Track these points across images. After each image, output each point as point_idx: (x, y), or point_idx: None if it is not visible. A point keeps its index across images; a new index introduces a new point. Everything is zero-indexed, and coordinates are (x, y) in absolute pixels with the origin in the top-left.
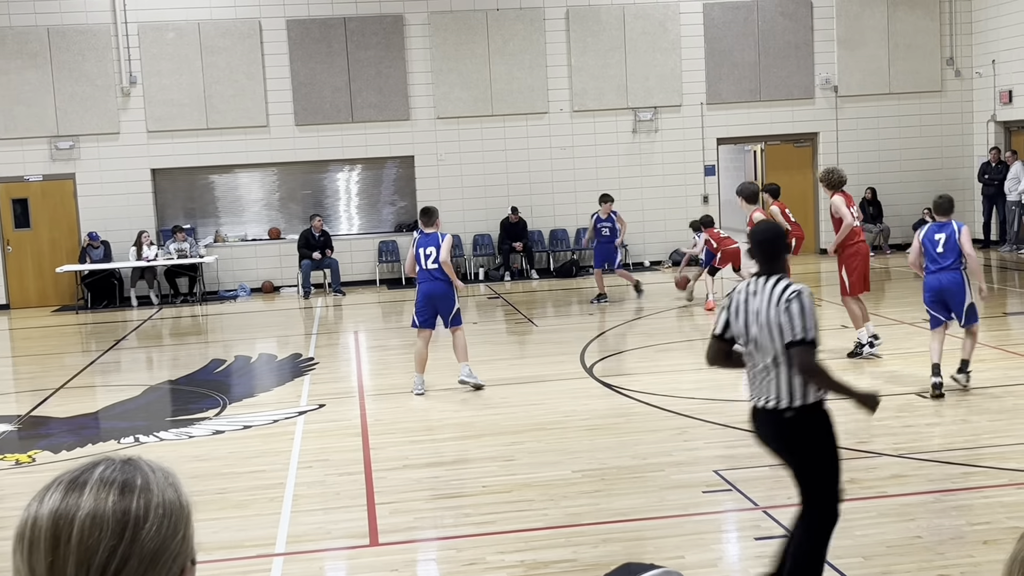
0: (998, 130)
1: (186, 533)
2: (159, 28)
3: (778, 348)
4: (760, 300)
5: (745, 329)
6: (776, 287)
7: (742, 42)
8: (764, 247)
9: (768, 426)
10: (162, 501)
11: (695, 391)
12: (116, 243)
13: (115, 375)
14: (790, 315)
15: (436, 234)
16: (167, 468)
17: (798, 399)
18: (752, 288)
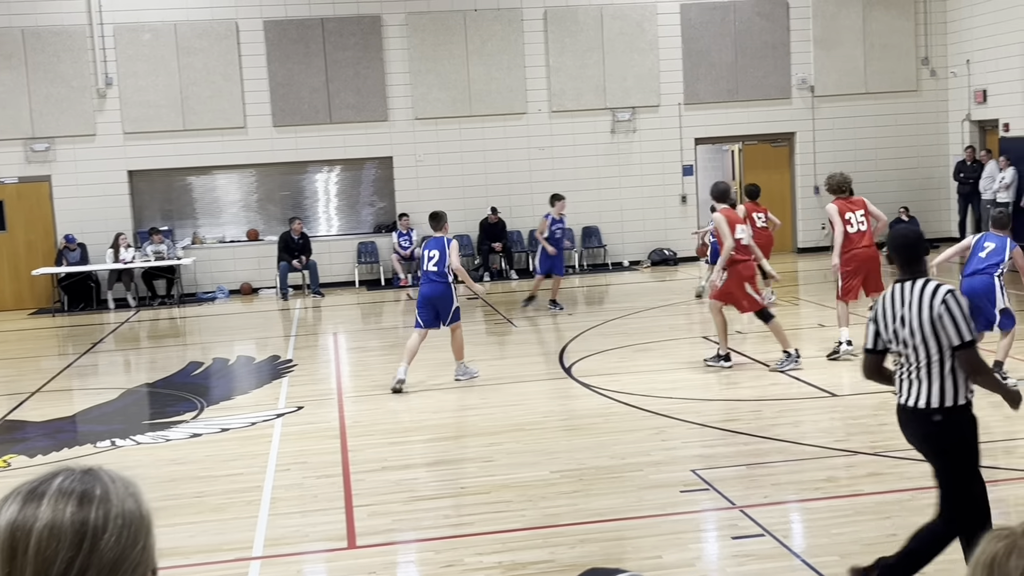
0: (973, 129)
1: (146, 543)
2: (135, 29)
3: (932, 351)
4: (910, 304)
5: (895, 334)
6: (926, 290)
7: (719, 42)
8: (903, 251)
9: (915, 426)
10: (122, 511)
11: (673, 391)
12: (93, 245)
13: (92, 378)
14: (952, 318)
15: (443, 239)
16: (128, 478)
17: (948, 401)
18: (897, 293)
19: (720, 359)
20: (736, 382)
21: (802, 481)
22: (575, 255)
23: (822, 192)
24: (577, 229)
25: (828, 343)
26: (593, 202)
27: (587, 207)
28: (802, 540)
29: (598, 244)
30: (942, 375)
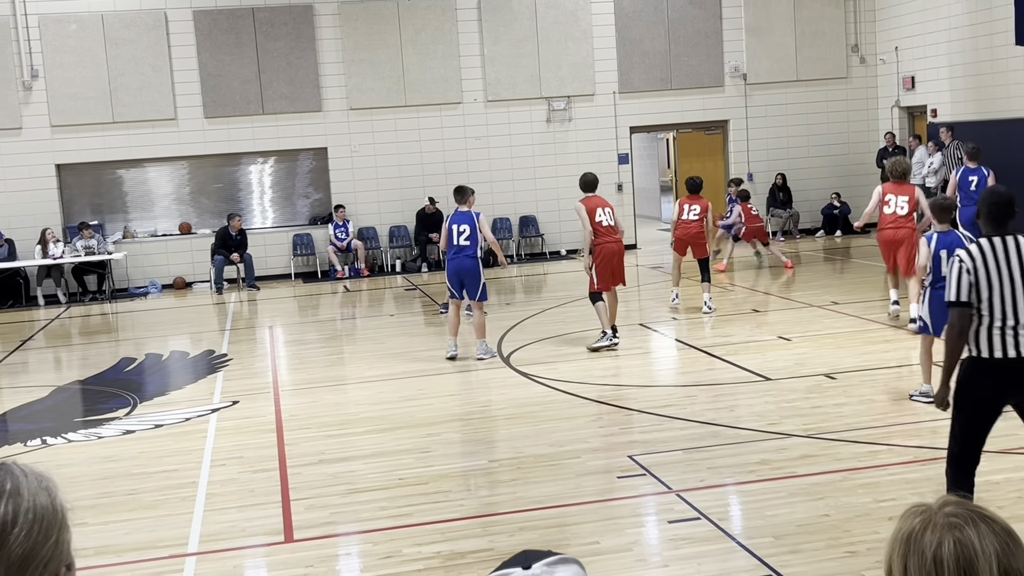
0: (902, 115)
1: (59, 538)
2: (60, 20)
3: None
4: (1017, 256)
5: (999, 287)
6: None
7: (652, 31)
8: (997, 208)
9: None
10: (32, 506)
11: (609, 378)
12: (20, 241)
13: (22, 376)
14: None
15: (471, 212)
16: (42, 472)
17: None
18: (991, 248)
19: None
20: (672, 368)
21: (737, 464)
22: (512, 244)
23: (755, 179)
24: (514, 218)
25: (762, 327)
26: (530, 191)
27: (524, 196)
28: (737, 522)
29: (535, 233)
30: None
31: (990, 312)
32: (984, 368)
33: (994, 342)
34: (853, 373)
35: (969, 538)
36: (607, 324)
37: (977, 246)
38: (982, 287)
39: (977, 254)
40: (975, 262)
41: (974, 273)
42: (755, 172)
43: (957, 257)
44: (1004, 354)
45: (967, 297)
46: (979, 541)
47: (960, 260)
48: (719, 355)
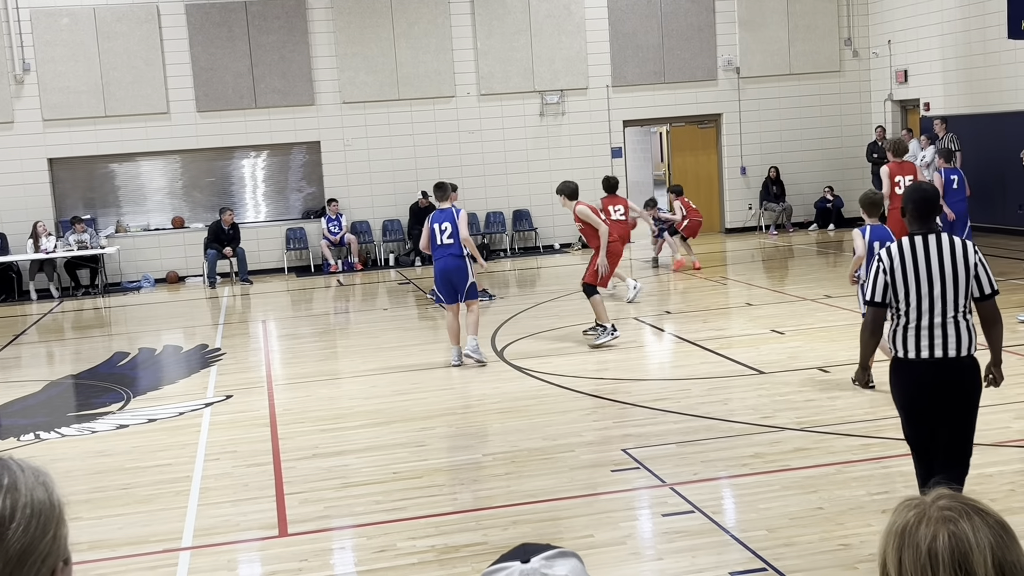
0: (895, 109)
1: (57, 533)
2: (52, 13)
3: (961, 301)
4: (938, 256)
5: (915, 287)
6: (954, 243)
7: (646, 24)
8: (924, 205)
9: (951, 373)
10: (30, 501)
11: (603, 371)
12: (13, 235)
13: (15, 371)
14: (985, 268)
15: (451, 209)
16: (39, 467)
17: (973, 348)
18: (911, 247)
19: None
20: (666, 362)
21: (731, 458)
22: (506, 238)
23: (748, 173)
24: (508, 212)
25: (756, 321)
26: (523, 185)
27: (517, 190)
28: (731, 515)
29: (529, 227)
30: (969, 325)
31: (907, 312)
32: (906, 368)
33: (909, 343)
34: (846, 367)
35: (963, 531)
36: (605, 317)
37: (898, 245)
38: (899, 287)
39: (896, 254)
40: (893, 262)
41: (890, 273)
42: (748, 166)
43: (877, 256)
44: (918, 354)
45: (881, 297)
46: (973, 534)
47: (879, 259)
48: (713, 348)
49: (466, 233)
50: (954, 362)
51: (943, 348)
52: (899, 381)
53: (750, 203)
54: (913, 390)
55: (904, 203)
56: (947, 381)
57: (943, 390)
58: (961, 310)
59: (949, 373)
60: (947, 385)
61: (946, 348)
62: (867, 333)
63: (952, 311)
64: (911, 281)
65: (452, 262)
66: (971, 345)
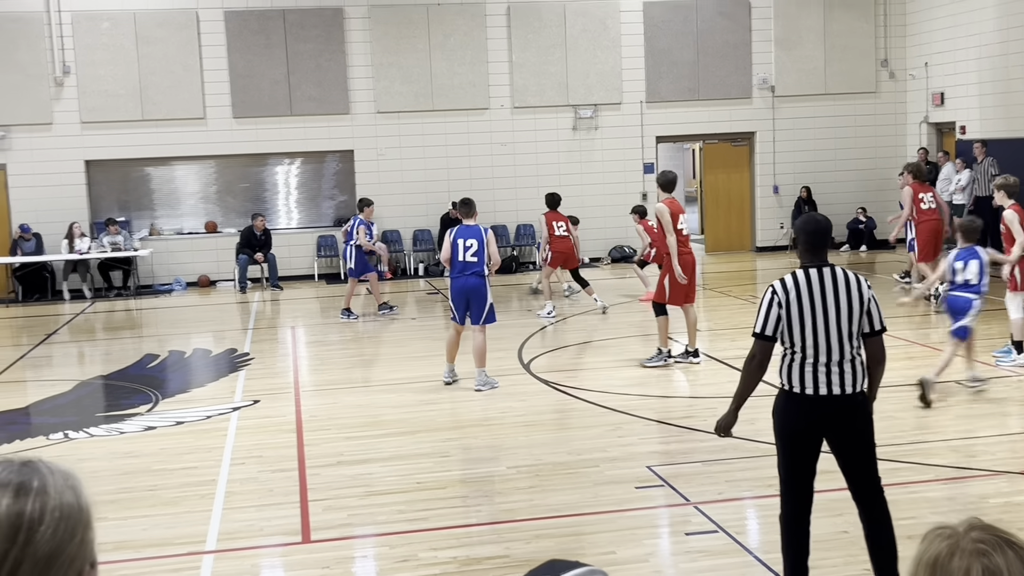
0: (930, 131)
1: (84, 536)
2: (93, 17)
3: (854, 337)
4: (831, 289)
5: (811, 322)
6: (848, 277)
7: (681, 41)
8: (816, 237)
9: (846, 411)
10: (59, 504)
11: (629, 387)
12: (48, 235)
13: (46, 370)
14: (877, 304)
15: (477, 227)
16: (68, 470)
17: (864, 385)
18: (807, 280)
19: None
20: (692, 379)
21: (756, 478)
22: (536, 251)
23: (781, 191)
24: (538, 225)
25: None
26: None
27: None
28: (755, 536)
29: None
30: (861, 361)
31: (802, 348)
32: (794, 401)
33: (806, 379)
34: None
35: (997, 565)
36: (665, 342)
37: (792, 278)
38: (793, 321)
39: (792, 286)
40: (788, 295)
41: (785, 307)
42: (781, 185)
43: (771, 288)
44: (815, 390)
45: (772, 331)
46: (1007, 568)
47: (773, 291)
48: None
49: (496, 253)
50: (848, 399)
51: (840, 385)
52: (785, 412)
53: (782, 222)
54: (799, 424)
55: (796, 233)
56: (840, 418)
57: (838, 426)
58: (855, 346)
59: (841, 410)
60: (841, 422)
61: (842, 384)
62: (753, 367)
63: (848, 348)
64: (806, 315)
65: (473, 281)
66: (862, 381)
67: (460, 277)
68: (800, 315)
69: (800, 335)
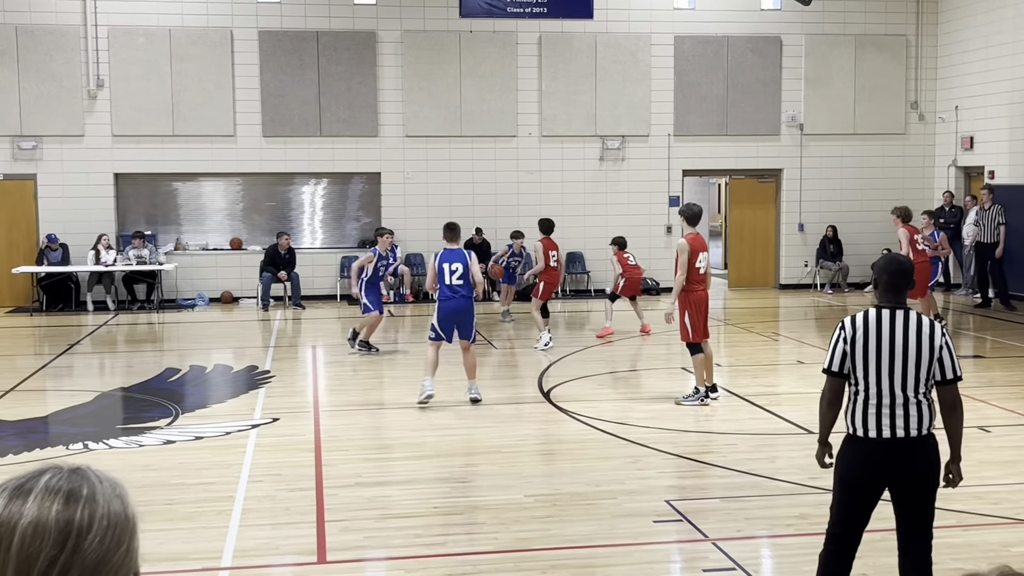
0: (958, 175)
1: (130, 545)
2: (129, 32)
3: (922, 381)
4: (902, 332)
5: (876, 362)
6: (921, 322)
7: (711, 76)
8: (899, 278)
9: (910, 453)
10: (107, 512)
11: (650, 420)
12: (75, 246)
13: (67, 380)
14: (951, 352)
15: (461, 250)
16: (115, 479)
17: (931, 427)
18: (877, 320)
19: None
20: (713, 415)
21: (775, 516)
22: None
23: (806, 230)
24: (561, 254)
25: (806, 379)
26: (579, 228)
27: (573, 232)
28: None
29: (582, 270)
30: (928, 403)
31: (865, 388)
32: (857, 446)
33: (869, 421)
34: None
35: None
36: (702, 380)
37: (864, 315)
38: (858, 359)
39: (860, 324)
40: (856, 332)
41: (851, 343)
42: (806, 223)
43: (840, 324)
44: (879, 433)
45: (839, 367)
46: None
47: (841, 327)
48: (762, 404)
49: (480, 276)
50: (913, 441)
51: (904, 428)
52: (848, 458)
53: (806, 260)
54: (862, 471)
55: (878, 273)
56: (903, 462)
57: (901, 469)
58: (922, 391)
59: (906, 452)
60: (904, 467)
61: (907, 428)
62: (824, 404)
63: (912, 392)
64: (871, 355)
65: (460, 303)
66: (930, 424)
67: (451, 300)
68: (864, 353)
69: (863, 374)
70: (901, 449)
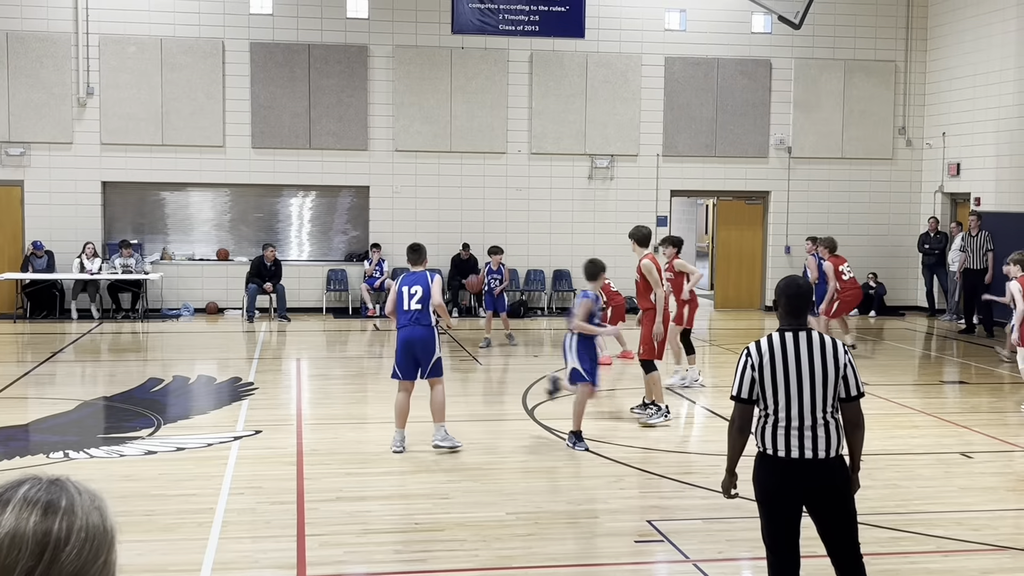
0: (945, 201)
1: (108, 558)
2: (120, 41)
3: (829, 401)
4: (806, 353)
5: (784, 384)
6: (824, 341)
7: (701, 97)
8: (797, 300)
9: (822, 476)
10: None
11: (633, 440)
12: (60, 254)
13: (49, 388)
14: (854, 369)
15: (424, 273)
16: (95, 491)
17: (842, 449)
18: (782, 343)
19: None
20: (697, 435)
21: (757, 539)
22: (544, 297)
23: (792, 252)
24: (548, 271)
25: None
26: (566, 246)
27: (560, 250)
28: None
29: (568, 288)
30: (838, 425)
31: (775, 411)
32: (769, 463)
33: (778, 441)
34: (880, 456)
35: None
36: (661, 396)
37: (768, 340)
38: (767, 384)
39: (766, 349)
40: (762, 358)
41: (759, 369)
42: (793, 245)
43: (745, 350)
44: (787, 453)
45: (747, 393)
46: None
47: (748, 354)
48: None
49: (439, 299)
50: (823, 463)
51: (812, 449)
52: (762, 476)
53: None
54: (776, 487)
55: (777, 296)
56: (817, 482)
57: (815, 493)
58: (829, 411)
59: (818, 474)
60: (818, 487)
61: (815, 449)
62: (734, 431)
63: (820, 412)
64: (779, 378)
65: (417, 331)
66: (839, 445)
67: (404, 328)
68: (773, 378)
69: (773, 398)
70: (812, 469)
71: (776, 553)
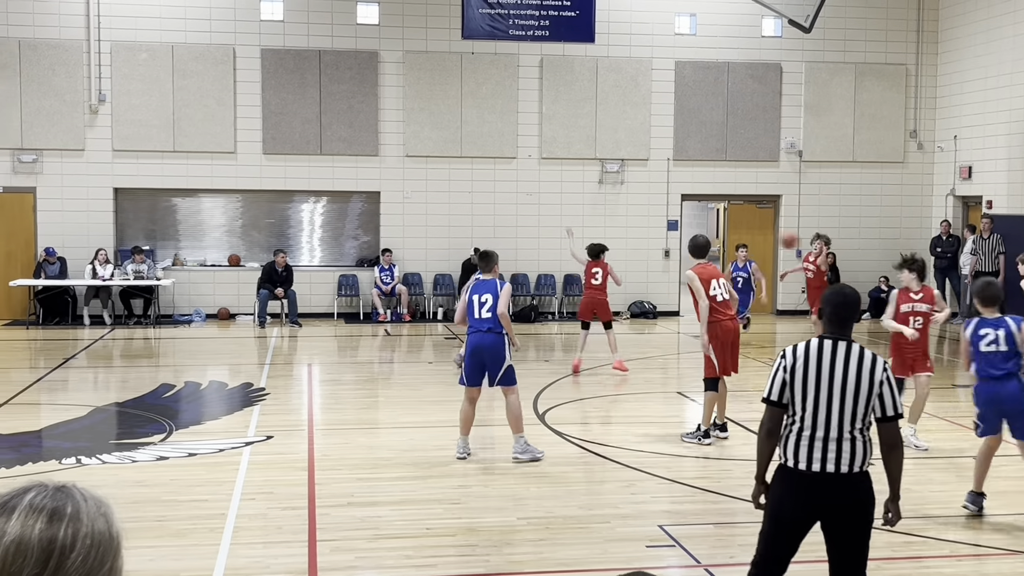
0: (956, 204)
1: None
2: (132, 48)
3: (859, 415)
4: (842, 365)
5: (814, 393)
6: (864, 355)
7: (711, 102)
8: (843, 310)
9: (841, 491)
10: (91, 531)
11: (644, 444)
12: (73, 260)
13: (62, 394)
14: (892, 388)
15: (494, 281)
16: (101, 497)
17: (866, 465)
18: (819, 350)
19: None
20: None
21: None
22: (555, 302)
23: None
24: (559, 276)
25: None
26: None
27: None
28: None
29: (579, 292)
30: (864, 440)
31: (801, 418)
32: (788, 477)
33: (800, 452)
34: None
35: None
36: (709, 419)
37: (805, 345)
38: (796, 388)
39: (801, 353)
40: (796, 361)
41: (791, 372)
42: (804, 249)
43: (781, 353)
44: (808, 466)
45: (778, 396)
46: None
47: (782, 356)
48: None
49: (503, 308)
50: (845, 478)
51: (835, 462)
52: (779, 491)
53: (803, 287)
54: (790, 505)
55: (822, 304)
56: (838, 499)
57: (834, 510)
58: (858, 426)
59: (840, 490)
60: (838, 504)
61: (839, 462)
62: (763, 434)
63: (848, 426)
64: (811, 384)
65: (488, 338)
66: (864, 462)
67: (474, 335)
68: (804, 383)
69: (802, 404)
70: (832, 484)
71: (766, 561)
